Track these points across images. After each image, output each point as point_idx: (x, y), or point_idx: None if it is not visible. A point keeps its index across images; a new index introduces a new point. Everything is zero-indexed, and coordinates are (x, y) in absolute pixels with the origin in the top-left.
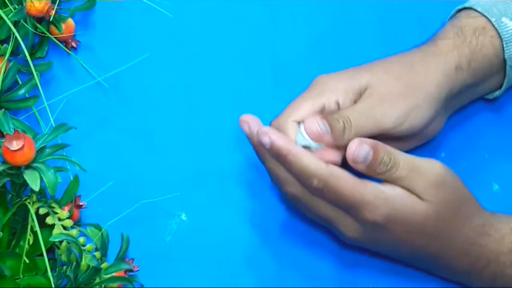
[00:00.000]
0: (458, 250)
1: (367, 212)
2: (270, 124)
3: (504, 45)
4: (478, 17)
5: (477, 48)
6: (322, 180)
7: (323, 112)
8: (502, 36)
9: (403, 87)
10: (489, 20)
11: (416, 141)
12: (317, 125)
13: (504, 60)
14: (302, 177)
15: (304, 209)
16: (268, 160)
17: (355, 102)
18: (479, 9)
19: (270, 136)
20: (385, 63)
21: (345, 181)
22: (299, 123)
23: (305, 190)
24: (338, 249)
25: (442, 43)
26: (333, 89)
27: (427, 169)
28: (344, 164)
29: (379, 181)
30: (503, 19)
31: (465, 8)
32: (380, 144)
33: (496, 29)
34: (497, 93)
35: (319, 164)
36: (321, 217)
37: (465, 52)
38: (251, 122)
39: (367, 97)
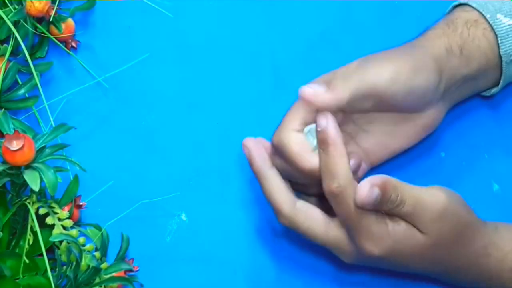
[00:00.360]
0: (458, 270)
1: (368, 243)
2: (271, 140)
3: (499, 41)
4: (471, 11)
5: (468, 39)
6: (342, 186)
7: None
8: (497, 32)
9: (395, 56)
10: (482, 15)
11: (418, 132)
12: (311, 87)
13: (500, 56)
14: (327, 173)
15: (301, 237)
16: (266, 190)
17: None
18: (474, 5)
19: (328, 120)
20: (374, 54)
21: (357, 200)
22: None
23: (301, 222)
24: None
25: (432, 32)
26: None
27: (431, 202)
28: None
29: None
30: (498, 15)
31: (461, 4)
32: (388, 181)
33: (489, 23)
34: (494, 90)
35: (348, 171)
36: (318, 244)
37: (455, 40)
38: (251, 147)
39: (358, 60)
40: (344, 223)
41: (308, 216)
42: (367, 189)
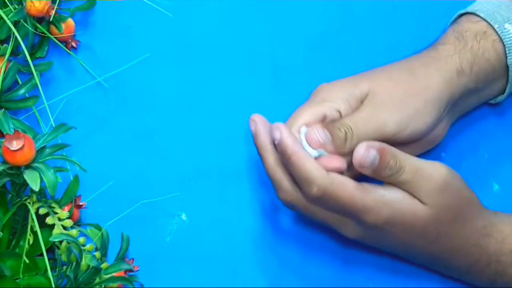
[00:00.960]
0: (459, 251)
1: (367, 216)
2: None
3: (507, 51)
4: (479, 22)
5: (479, 53)
6: (322, 188)
7: (324, 121)
8: (505, 42)
9: (404, 93)
10: (491, 25)
11: (420, 148)
12: (317, 133)
13: (507, 66)
14: (302, 181)
15: (301, 214)
16: (268, 165)
17: (356, 109)
18: (482, 15)
19: (281, 131)
20: (385, 69)
21: (345, 189)
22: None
23: (301, 198)
24: (339, 249)
25: (442, 48)
26: (334, 98)
27: (432, 173)
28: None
29: (380, 182)
30: (506, 25)
31: (467, 13)
32: (387, 147)
33: (498, 34)
34: (499, 98)
35: (320, 171)
36: (319, 221)
37: (466, 57)
38: (259, 122)
39: (368, 104)
40: (342, 214)
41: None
42: (363, 150)
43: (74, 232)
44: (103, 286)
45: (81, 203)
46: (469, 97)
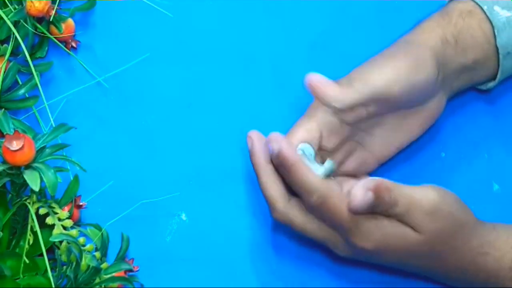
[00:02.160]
0: (455, 269)
1: (357, 238)
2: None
3: (496, 33)
4: (467, 2)
5: (463, 28)
6: (322, 197)
7: (320, 133)
8: (494, 24)
9: (391, 57)
10: (479, 6)
11: (422, 123)
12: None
13: (496, 48)
14: (302, 191)
15: (293, 231)
16: (264, 182)
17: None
18: None
19: (280, 143)
20: (368, 62)
21: (343, 202)
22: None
23: (293, 217)
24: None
25: (426, 25)
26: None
27: (422, 201)
28: None
29: None
30: (496, 7)
31: None
32: (381, 183)
33: (486, 14)
34: (491, 84)
35: (320, 180)
36: (310, 238)
37: (450, 30)
38: (255, 139)
39: (359, 69)
40: (333, 230)
41: (302, 212)
42: (362, 194)
43: (74, 232)
44: (103, 286)
45: (81, 203)
46: (462, 74)
